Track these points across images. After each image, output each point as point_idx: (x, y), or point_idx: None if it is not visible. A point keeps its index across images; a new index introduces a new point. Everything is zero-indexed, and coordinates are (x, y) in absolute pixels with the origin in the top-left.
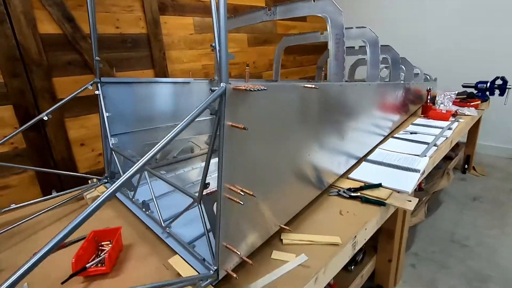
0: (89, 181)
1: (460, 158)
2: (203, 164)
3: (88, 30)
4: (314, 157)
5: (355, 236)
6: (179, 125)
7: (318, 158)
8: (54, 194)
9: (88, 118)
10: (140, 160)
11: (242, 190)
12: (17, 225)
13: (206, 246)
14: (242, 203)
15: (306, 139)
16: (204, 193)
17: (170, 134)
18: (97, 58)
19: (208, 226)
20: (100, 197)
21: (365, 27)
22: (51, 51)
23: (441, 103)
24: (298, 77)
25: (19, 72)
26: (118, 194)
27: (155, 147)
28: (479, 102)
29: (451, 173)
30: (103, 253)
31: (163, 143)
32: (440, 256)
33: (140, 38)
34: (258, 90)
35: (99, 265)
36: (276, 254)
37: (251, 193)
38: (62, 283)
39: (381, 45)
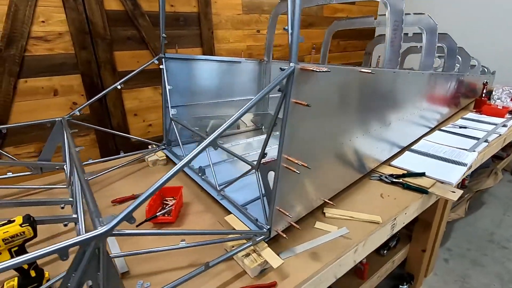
0: (149, 146)
1: (511, 159)
2: (248, 140)
3: (146, 8)
4: (359, 141)
5: (395, 218)
6: (251, 101)
7: (363, 142)
8: (122, 154)
9: (142, 91)
10: (217, 131)
11: (299, 162)
12: (96, 176)
13: (257, 210)
14: (298, 172)
15: (355, 122)
16: (261, 162)
17: (241, 109)
18: (164, 34)
19: (263, 192)
20: (188, 156)
21: (423, 14)
22: (113, 26)
23: (497, 98)
24: (340, 62)
25: (87, 45)
26: (176, 160)
27: (228, 121)
28: None
29: (499, 173)
30: (168, 206)
31: (235, 117)
32: (475, 254)
33: (191, 16)
34: (323, 71)
35: (166, 215)
36: (319, 225)
37: (305, 165)
38: (137, 225)
39: (438, 33)
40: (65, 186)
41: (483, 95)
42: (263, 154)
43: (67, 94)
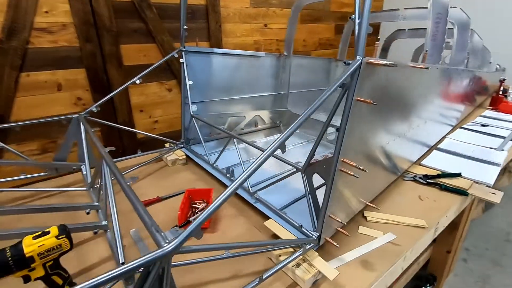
0: (167, 145)
1: None
2: (268, 138)
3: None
4: (399, 141)
5: (438, 222)
6: (320, 97)
7: (401, 142)
8: (140, 153)
9: (148, 86)
10: (294, 123)
11: (358, 165)
12: (135, 181)
13: (295, 214)
14: (358, 176)
15: (400, 121)
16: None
17: (311, 106)
18: (185, 26)
19: (310, 196)
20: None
21: (455, 7)
22: (120, 18)
23: None
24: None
25: (92, 37)
26: (197, 159)
27: (302, 115)
28: None
29: None
30: (198, 210)
31: (307, 113)
32: (494, 254)
33: (199, 9)
34: (392, 65)
35: None
36: (362, 230)
37: (364, 168)
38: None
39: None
40: (84, 189)
41: (501, 93)
42: (311, 157)
43: (72, 89)
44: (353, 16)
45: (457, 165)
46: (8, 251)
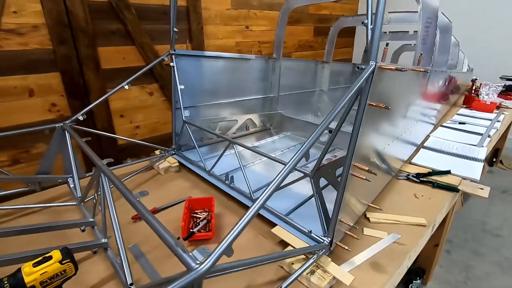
0: (157, 152)
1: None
2: (260, 142)
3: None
4: (396, 142)
5: (435, 219)
6: (338, 104)
7: (398, 143)
8: (129, 162)
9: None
10: (314, 133)
11: (369, 170)
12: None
13: (300, 218)
14: (370, 180)
15: (399, 124)
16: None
17: (329, 115)
18: (175, 29)
19: (319, 201)
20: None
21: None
22: (96, 18)
23: (486, 95)
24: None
25: (67, 39)
26: (192, 166)
27: (321, 124)
28: None
29: (485, 165)
30: (200, 220)
31: (326, 123)
32: (473, 244)
33: (180, 10)
34: (403, 70)
35: (202, 230)
36: (367, 231)
37: (374, 171)
38: None
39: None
40: (74, 203)
41: (473, 92)
42: (321, 162)
43: (45, 94)
44: (365, 21)
45: (444, 162)
46: (5, 282)
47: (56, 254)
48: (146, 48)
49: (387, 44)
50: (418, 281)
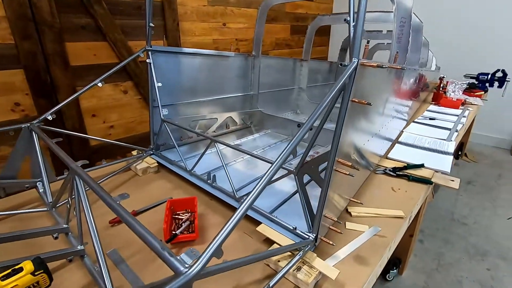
0: (134, 152)
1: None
2: (241, 140)
3: None
4: (375, 138)
5: (412, 211)
6: (322, 103)
7: (376, 139)
8: (104, 163)
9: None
10: (300, 132)
11: (352, 165)
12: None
13: (284, 215)
14: (353, 175)
15: (377, 120)
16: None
17: (313, 113)
18: (151, 24)
19: (303, 197)
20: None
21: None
22: (64, 12)
23: (452, 92)
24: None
25: (31, 33)
26: (171, 166)
27: (306, 123)
28: (483, 92)
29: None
30: (182, 222)
31: (310, 122)
32: (444, 233)
33: (155, 5)
34: (384, 67)
35: (185, 232)
36: (350, 225)
37: (356, 167)
38: None
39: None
40: (44, 209)
41: (440, 89)
42: (304, 159)
43: (7, 93)
44: (347, 18)
45: (417, 156)
46: None
47: (28, 265)
48: (119, 44)
49: (368, 42)
50: (395, 270)
